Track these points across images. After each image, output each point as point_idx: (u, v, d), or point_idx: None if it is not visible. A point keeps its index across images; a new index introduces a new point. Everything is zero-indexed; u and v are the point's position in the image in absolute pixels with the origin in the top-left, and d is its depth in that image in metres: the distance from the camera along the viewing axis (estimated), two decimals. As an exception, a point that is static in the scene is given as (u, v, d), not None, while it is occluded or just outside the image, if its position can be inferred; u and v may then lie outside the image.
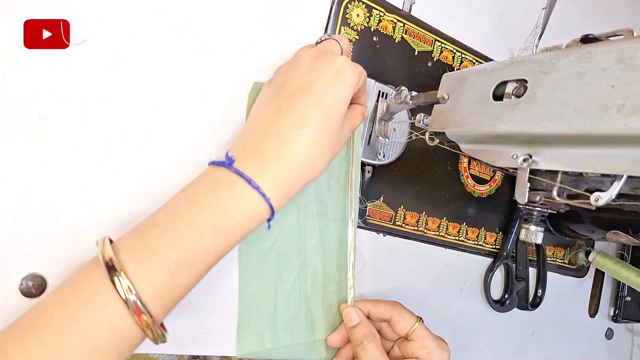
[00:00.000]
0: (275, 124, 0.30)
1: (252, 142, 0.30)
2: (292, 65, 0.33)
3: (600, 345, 0.70)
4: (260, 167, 0.29)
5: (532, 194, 0.30)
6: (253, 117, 0.33)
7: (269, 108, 0.31)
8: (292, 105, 0.30)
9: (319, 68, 0.31)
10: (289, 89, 0.31)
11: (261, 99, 0.34)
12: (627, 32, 0.26)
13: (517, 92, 0.29)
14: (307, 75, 0.31)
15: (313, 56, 0.32)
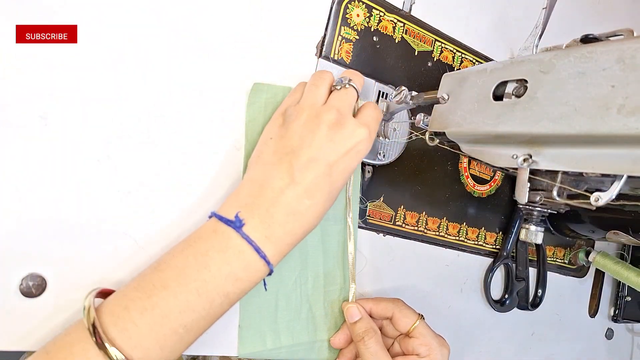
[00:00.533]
0: (287, 193, 0.31)
1: (262, 206, 0.31)
2: (309, 121, 0.33)
3: (600, 346, 0.70)
4: (268, 236, 0.30)
5: (532, 194, 0.30)
6: (262, 170, 0.33)
7: (281, 171, 0.31)
8: (305, 176, 0.31)
9: (337, 139, 0.32)
10: (304, 156, 0.31)
11: (270, 148, 0.33)
12: (627, 32, 0.26)
13: (517, 92, 0.29)
14: (324, 145, 0.32)
15: (333, 121, 0.32)
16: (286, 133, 0.33)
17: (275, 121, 0.35)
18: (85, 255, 0.32)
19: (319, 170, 0.31)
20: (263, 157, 0.33)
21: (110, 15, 0.32)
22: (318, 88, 0.35)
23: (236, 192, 0.33)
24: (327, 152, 0.32)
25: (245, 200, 0.31)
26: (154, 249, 0.34)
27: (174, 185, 0.35)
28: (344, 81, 0.35)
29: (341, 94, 0.35)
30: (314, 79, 0.36)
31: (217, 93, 0.36)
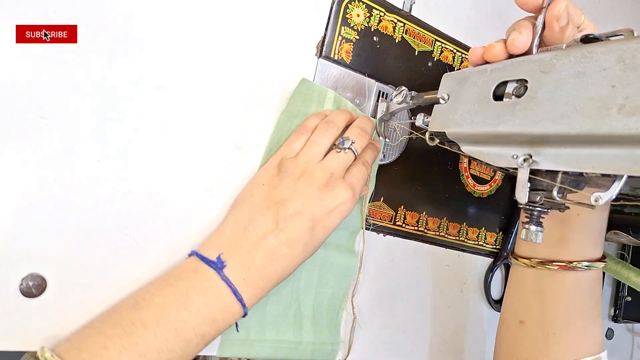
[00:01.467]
0: (270, 239, 0.32)
1: (243, 248, 0.32)
2: (302, 179, 0.34)
3: (600, 345, 0.70)
4: (246, 279, 0.32)
5: (532, 193, 0.30)
6: (249, 212, 0.34)
7: (267, 216, 0.33)
8: (288, 225, 0.33)
9: (324, 198, 0.34)
10: (291, 207, 0.33)
11: (261, 193, 0.35)
12: (627, 32, 0.26)
13: (518, 92, 0.29)
14: (312, 201, 0.34)
15: (324, 182, 0.34)
16: (279, 184, 0.35)
17: (270, 169, 0.36)
18: (85, 255, 0.32)
19: (303, 222, 0.33)
20: (252, 200, 0.35)
21: (110, 15, 0.32)
22: (318, 146, 0.36)
23: (219, 231, 0.34)
24: (313, 208, 0.34)
25: (227, 241, 0.33)
26: (154, 249, 0.34)
27: (174, 185, 0.35)
28: (346, 143, 0.36)
29: (339, 157, 0.36)
30: (318, 134, 0.37)
31: (217, 93, 0.36)
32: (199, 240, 0.36)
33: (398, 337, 0.49)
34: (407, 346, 0.49)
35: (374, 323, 0.47)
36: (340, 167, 0.36)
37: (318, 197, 0.34)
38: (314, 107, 0.39)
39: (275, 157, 0.37)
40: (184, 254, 0.35)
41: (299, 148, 0.37)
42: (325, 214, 0.34)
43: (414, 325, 0.50)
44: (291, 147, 0.37)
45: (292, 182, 0.34)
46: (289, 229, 0.33)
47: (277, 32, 0.39)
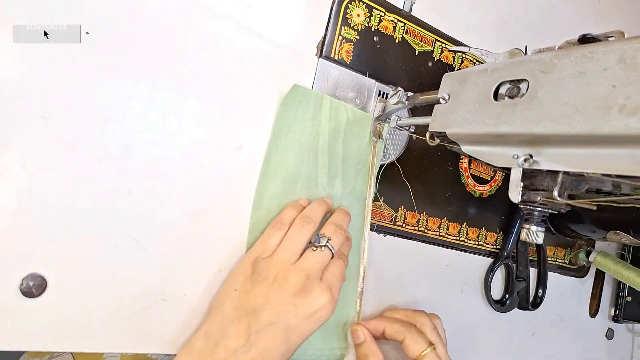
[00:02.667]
0: (240, 356, 0.31)
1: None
2: (276, 282, 0.33)
3: (600, 346, 0.70)
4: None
5: (532, 194, 0.30)
6: (219, 325, 0.32)
7: (239, 330, 0.31)
8: (261, 339, 0.31)
9: (300, 304, 0.33)
10: (264, 318, 0.32)
11: (232, 302, 0.33)
12: (618, 34, 0.26)
13: (511, 93, 0.29)
14: (286, 308, 0.32)
15: (299, 286, 0.33)
16: (252, 290, 0.33)
17: (243, 270, 0.35)
18: (85, 255, 0.32)
19: (277, 334, 0.32)
20: (223, 309, 0.33)
21: (111, 15, 0.32)
22: (295, 244, 0.35)
23: (190, 344, 0.33)
24: (288, 317, 0.32)
25: (197, 356, 0.31)
26: (154, 249, 0.34)
27: (174, 185, 0.35)
28: (322, 241, 0.35)
29: (315, 256, 0.35)
30: (294, 231, 0.36)
31: (218, 93, 0.36)
32: (199, 240, 0.36)
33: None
34: (407, 346, 0.49)
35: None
36: (316, 267, 0.34)
37: (293, 304, 0.33)
38: (311, 112, 0.39)
39: (249, 255, 0.36)
40: (184, 254, 0.35)
41: (275, 245, 0.35)
42: (301, 322, 0.33)
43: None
44: (267, 244, 0.36)
45: (266, 288, 0.33)
46: (261, 343, 0.31)
47: (278, 32, 0.38)
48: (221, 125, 0.37)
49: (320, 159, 0.40)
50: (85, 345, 0.33)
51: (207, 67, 0.36)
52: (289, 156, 0.39)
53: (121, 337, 0.34)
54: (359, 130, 0.42)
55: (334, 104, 0.40)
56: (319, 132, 0.40)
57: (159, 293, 0.35)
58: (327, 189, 0.41)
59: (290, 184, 0.39)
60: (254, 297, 0.33)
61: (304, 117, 0.39)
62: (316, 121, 0.40)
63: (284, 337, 0.32)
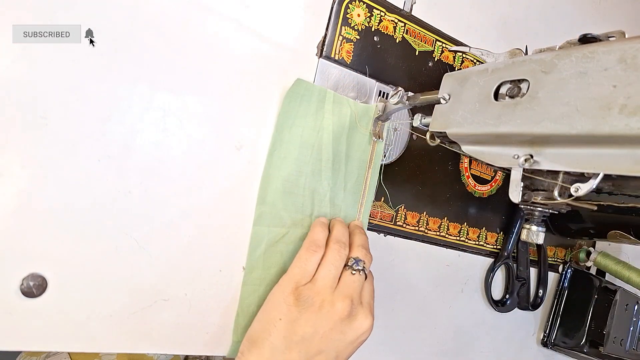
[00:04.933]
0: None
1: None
2: (323, 310, 0.33)
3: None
4: None
5: (533, 194, 0.30)
6: (268, 357, 0.32)
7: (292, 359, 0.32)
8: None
9: (347, 330, 0.33)
10: (314, 347, 0.32)
11: (279, 332, 0.33)
12: (619, 34, 0.26)
13: (511, 92, 0.29)
14: (335, 337, 0.33)
15: (346, 312, 0.33)
16: (299, 317, 0.33)
17: (285, 298, 0.34)
18: (86, 255, 0.32)
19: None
20: (271, 341, 0.32)
21: (111, 15, 0.32)
22: (337, 269, 0.35)
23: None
24: (337, 344, 0.33)
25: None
26: (154, 249, 0.34)
27: (175, 185, 0.35)
28: (360, 264, 0.36)
29: (355, 281, 0.35)
30: (333, 255, 0.36)
31: (218, 93, 0.36)
32: (199, 240, 0.36)
33: (398, 337, 0.49)
34: (407, 346, 0.49)
35: (374, 323, 0.46)
36: (357, 291, 0.35)
37: (340, 330, 0.33)
38: (314, 107, 0.39)
39: (288, 281, 0.35)
40: (184, 254, 0.35)
41: (314, 269, 0.35)
42: (346, 346, 0.33)
43: (415, 326, 0.50)
44: (305, 269, 0.35)
45: (313, 315, 0.33)
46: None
47: (278, 32, 0.38)
48: (221, 125, 0.37)
49: (324, 154, 0.40)
50: (85, 345, 0.33)
51: (207, 67, 0.36)
52: (292, 151, 0.39)
53: (121, 337, 0.34)
54: (363, 123, 0.42)
55: (337, 99, 0.40)
56: (323, 126, 0.40)
57: (160, 293, 0.35)
58: (332, 184, 0.41)
59: (294, 178, 0.39)
60: (302, 325, 0.32)
61: (307, 112, 0.39)
62: (319, 116, 0.40)
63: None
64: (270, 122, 0.38)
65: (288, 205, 0.39)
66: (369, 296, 0.36)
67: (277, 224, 0.38)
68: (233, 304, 0.38)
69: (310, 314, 0.33)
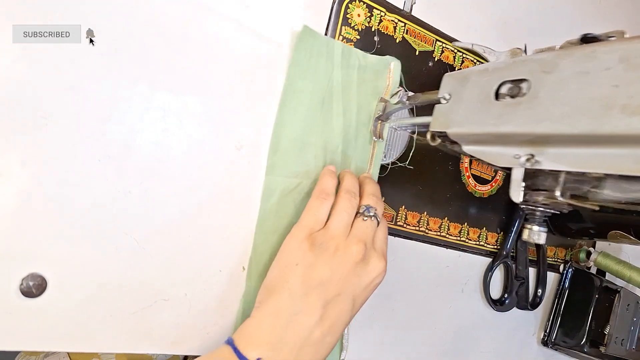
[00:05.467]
0: (315, 332, 0.32)
1: (287, 348, 0.31)
2: (338, 254, 0.33)
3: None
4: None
5: (534, 194, 0.29)
6: (289, 302, 0.32)
7: (310, 306, 0.32)
8: (332, 312, 0.32)
9: (362, 274, 0.34)
10: (332, 290, 0.33)
11: (297, 277, 0.33)
12: (618, 34, 0.26)
13: (512, 92, 0.29)
14: (351, 279, 0.34)
15: (360, 256, 0.34)
16: (315, 262, 0.33)
17: (299, 244, 0.34)
18: (85, 255, 0.32)
19: (345, 305, 0.33)
20: (289, 286, 0.33)
21: (112, 14, 0.32)
22: (348, 215, 0.36)
23: (258, 321, 0.32)
24: (353, 287, 0.34)
25: (269, 337, 0.31)
26: (155, 249, 0.34)
27: (175, 185, 0.35)
28: (371, 211, 0.36)
29: (367, 226, 0.36)
30: (345, 203, 0.36)
31: (218, 94, 0.36)
32: (199, 240, 0.36)
33: (398, 337, 0.49)
34: (407, 346, 0.49)
35: (374, 323, 0.46)
36: (370, 236, 0.35)
37: (356, 274, 0.34)
38: (324, 61, 0.39)
39: (301, 228, 0.35)
40: (184, 254, 0.35)
41: (325, 216, 0.36)
42: (362, 290, 0.34)
43: (415, 326, 0.50)
44: (317, 216, 0.35)
45: (329, 259, 0.33)
46: (332, 316, 0.32)
47: (278, 32, 0.38)
48: (221, 125, 0.36)
49: (334, 106, 0.40)
50: (85, 345, 0.32)
51: (207, 67, 0.36)
52: (304, 101, 0.39)
53: (121, 337, 0.34)
54: (373, 77, 0.42)
55: (345, 50, 0.40)
56: (332, 78, 0.40)
57: (160, 293, 0.35)
58: (343, 135, 0.41)
59: (308, 129, 0.39)
60: (319, 269, 0.33)
61: (317, 64, 0.39)
62: (328, 67, 0.39)
63: (350, 307, 0.33)
64: (270, 122, 0.38)
65: (301, 155, 0.39)
66: (381, 241, 0.37)
67: (289, 175, 0.39)
68: (233, 304, 0.38)
69: (326, 258, 0.33)
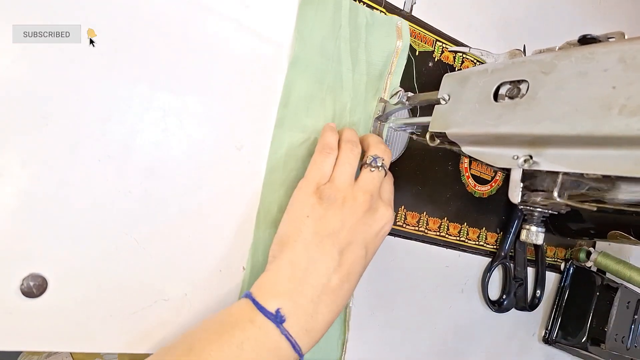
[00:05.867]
0: (333, 279, 0.32)
1: (307, 295, 0.31)
2: (346, 204, 0.34)
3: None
4: (309, 330, 0.31)
5: (532, 194, 0.30)
6: (304, 251, 0.33)
7: (325, 253, 0.32)
8: (347, 259, 0.33)
9: (371, 222, 0.35)
10: (344, 239, 0.33)
11: (309, 228, 0.33)
12: (618, 35, 0.26)
13: (511, 93, 0.29)
14: (361, 228, 0.34)
15: (367, 205, 0.34)
16: (325, 214, 0.34)
17: (307, 197, 0.35)
18: (86, 255, 0.32)
19: (358, 252, 0.33)
20: (303, 236, 0.33)
21: (112, 14, 0.32)
22: (352, 166, 0.36)
23: (275, 273, 0.32)
24: (364, 235, 0.34)
25: (287, 287, 0.31)
26: (155, 249, 0.34)
27: (175, 185, 0.35)
28: (378, 162, 0.36)
29: (374, 177, 0.36)
30: (347, 154, 0.36)
31: (218, 93, 0.36)
32: (199, 240, 0.36)
33: (398, 337, 0.49)
34: (407, 346, 0.49)
35: (374, 323, 0.47)
36: (377, 187, 0.36)
37: (365, 222, 0.34)
38: (330, 14, 0.39)
39: (307, 183, 0.35)
40: (184, 254, 0.35)
41: (330, 169, 0.36)
42: (372, 238, 0.35)
43: (415, 326, 0.50)
44: (322, 170, 0.36)
45: (338, 210, 0.34)
46: (347, 263, 0.33)
47: (278, 32, 0.38)
48: (221, 125, 0.37)
49: (344, 63, 0.40)
50: (85, 345, 0.33)
51: (207, 67, 0.36)
52: (314, 57, 0.39)
53: (121, 337, 0.34)
54: (381, 34, 0.42)
55: (352, 6, 0.40)
56: (340, 35, 0.40)
57: (160, 293, 0.35)
58: (352, 94, 0.41)
59: (318, 85, 0.39)
60: (329, 220, 0.33)
61: (323, 19, 0.39)
62: (336, 24, 0.40)
63: (363, 254, 0.34)
64: (271, 123, 0.38)
65: (310, 111, 0.39)
66: (387, 192, 0.37)
67: (298, 129, 0.39)
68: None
69: (335, 209, 0.34)
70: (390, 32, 0.42)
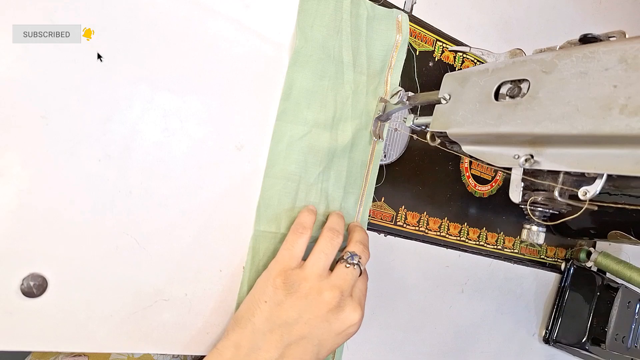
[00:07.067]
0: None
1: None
2: (309, 297, 0.33)
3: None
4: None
5: (533, 194, 0.30)
6: (251, 337, 0.32)
7: (270, 343, 0.32)
8: (293, 352, 0.32)
9: (333, 320, 0.33)
10: (297, 332, 0.32)
11: (263, 313, 0.33)
12: (619, 34, 0.26)
13: (511, 92, 0.29)
14: (319, 324, 0.33)
15: (334, 303, 0.33)
16: (284, 302, 0.33)
17: (272, 282, 0.34)
18: (86, 255, 0.32)
19: (308, 348, 0.32)
20: (254, 322, 0.33)
21: (112, 14, 0.32)
22: (327, 257, 0.35)
23: (218, 353, 0.32)
24: (321, 332, 0.32)
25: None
26: (155, 249, 0.34)
27: (175, 185, 0.35)
28: (355, 259, 0.35)
29: (348, 273, 0.35)
30: (325, 243, 0.35)
31: (218, 93, 0.36)
32: (199, 240, 0.36)
33: (398, 337, 0.49)
34: (407, 346, 0.49)
35: (374, 323, 0.47)
36: (349, 284, 0.34)
37: (326, 319, 0.33)
38: (332, 6, 0.39)
39: (276, 265, 0.35)
40: (184, 254, 0.35)
41: (301, 252, 0.35)
42: (332, 337, 0.33)
43: (415, 326, 0.50)
44: (292, 251, 0.35)
45: (298, 301, 0.33)
46: (293, 357, 0.32)
47: (278, 32, 0.38)
48: (221, 125, 0.36)
49: (345, 57, 0.40)
50: (85, 345, 0.33)
51: (207, 67, 0.36)
52: (316, 50, 0.39)
53: (122, 337, 0.34)
54: (381, 27, 0.42)
55: (354, 0, 0.40)
56: (341, 28, 0.40)
57: (160, 293, 0.35)
58: (353, 88, 0.41)
59: (319, 79, 0.39)
60: (286, 310, 0.32)
61: (324, 13, 0.39)
62: (337, 17, 0.40)
63: (315, 351, 0.32)
64: (271, 123, 0.38)
65: (311, 104, 0.39)
66: (360, 292, 0.36)
67: (299, 122, 0.39)
68: (233, 304, 0.38)
69: (296, 300, 0.33)
70: (390, 25, 0.42)
